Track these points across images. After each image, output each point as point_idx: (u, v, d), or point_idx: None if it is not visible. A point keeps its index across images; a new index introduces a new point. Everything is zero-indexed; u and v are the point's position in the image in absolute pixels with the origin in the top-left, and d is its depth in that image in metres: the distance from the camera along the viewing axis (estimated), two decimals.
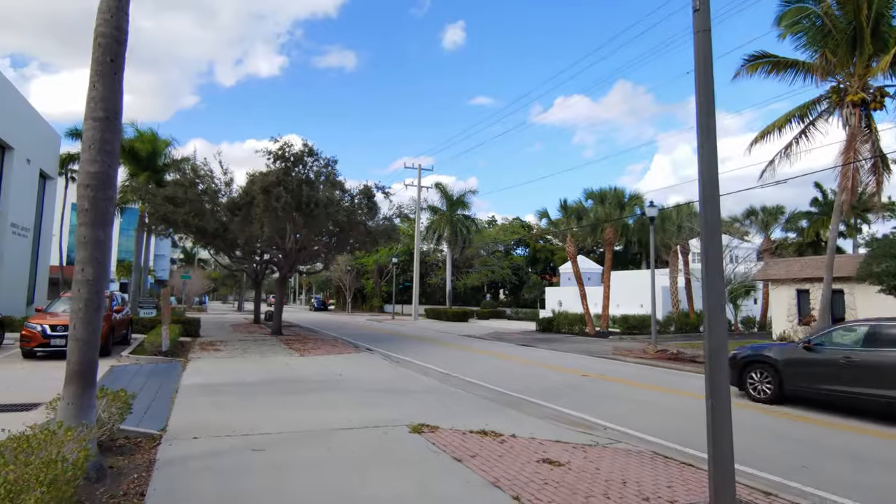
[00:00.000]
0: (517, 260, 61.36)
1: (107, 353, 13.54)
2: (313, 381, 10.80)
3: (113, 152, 4.79)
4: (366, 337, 23.58)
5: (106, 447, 5.28)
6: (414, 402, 8.94)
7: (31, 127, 24.06)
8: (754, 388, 10.12)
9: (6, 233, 22.15)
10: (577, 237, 29.80)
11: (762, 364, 10.09)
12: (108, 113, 4.78)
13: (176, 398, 8.50)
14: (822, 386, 9.13)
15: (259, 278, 29.98)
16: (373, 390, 9.90)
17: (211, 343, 17.79)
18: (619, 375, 13.24)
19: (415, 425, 6.96)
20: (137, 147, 28.52)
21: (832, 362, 9.05)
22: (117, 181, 20.47)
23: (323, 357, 14.99)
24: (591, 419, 8.29)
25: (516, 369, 14.21)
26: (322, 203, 18.05)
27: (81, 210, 4.65)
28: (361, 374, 11.97)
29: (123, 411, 5.42)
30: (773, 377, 9.79)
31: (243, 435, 6.29)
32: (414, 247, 44.84)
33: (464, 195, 46.70)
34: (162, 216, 19.01)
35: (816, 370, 9.24)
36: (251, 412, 7.66)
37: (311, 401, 8.66)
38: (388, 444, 6.19)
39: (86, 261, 4.61)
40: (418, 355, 16.57)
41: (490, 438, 6.55)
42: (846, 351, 9.00)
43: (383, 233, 21.47)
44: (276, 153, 18.14)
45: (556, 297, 43.12)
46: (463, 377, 12.31)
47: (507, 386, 11.19)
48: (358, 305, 60.15)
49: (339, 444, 6.08)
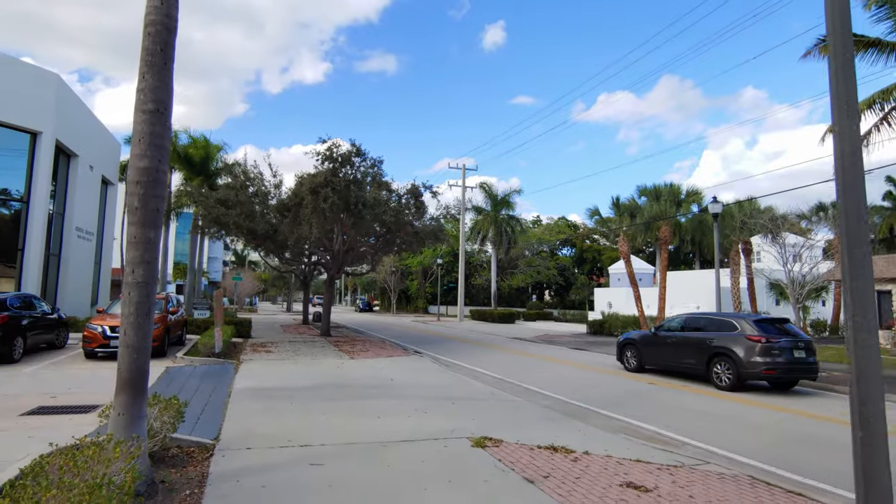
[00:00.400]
0: (563, 260, 59.90)
1: (163, 355, 13.74)
2: (365, 385, 10.48)
3: (163, 147, 4.52)
4: (413, 339, 23.29)
5: (158, 458, 5.04)
6: (470, 410, 8.44)
7: (94, 136, 25.08)
8: (627, 361, 14.15)
9: (71, 236, 23.14)
10: (626, 236, 28.57)
11: (632, 345, 14.05)
12: (158, 105, 4.52)
13: (229, 403, 8.32)
14: (660, 359, 13.24)
15: (307, 280, 30.29)
16: (426, 397, 9.47)
17: (262, 344, 17.89)
18: (688, 383, 12.30)
19: (477, 438, 6.45)
20: (191, 152, 29.40)
21: (665, 342, 13.09)
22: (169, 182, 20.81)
23: (372, 360, 14.72)
24: (666, 434, 7.55)
25: (572, 375, 13.49)
26: (369, 204, 17.86)
27: (131, 209, 4.40)
28: (413, 379, 11.58)
29: (176, 420, 5.17)
30: (637, 354, 13.81)
31: (300, 446, 5.95)
32: (458, 247, 44.44)
33: (508, 195, 45.97)
34: (214, 218, 19.31)
35: (658, 348, 13.26)
36: (304, 420, 7.35)
37: (364, 408, 8.30)
38: (449, 459, 5.71)
39: (136, 262, 4.35)
40: (468, 359, 16.07)
41: (561, 455, 5.96)
42: (671, 334, 13.04)
43: (430, 233, 21.10)
44: (324, 154, 18.08)
45: (605, 298, 41.65)
46: (518, 383, 11.73)
47: (567, 393, 10.53)
48: (402, 307, 60.28)
49: (399, 460, 5.64)
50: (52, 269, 22.34)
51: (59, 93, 20.92)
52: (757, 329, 11.34)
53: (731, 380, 11.15)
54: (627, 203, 26.80)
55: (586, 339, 25.13)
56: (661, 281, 26.03)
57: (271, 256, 28.44)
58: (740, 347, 11.14)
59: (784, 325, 11.86)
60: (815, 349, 11.62)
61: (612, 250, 59.50)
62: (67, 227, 23.05)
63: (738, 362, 11.04)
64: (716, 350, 11.61)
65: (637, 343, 13.90)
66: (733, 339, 11.39)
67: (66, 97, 22.03)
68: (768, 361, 10.86)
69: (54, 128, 20.52)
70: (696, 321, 12.90)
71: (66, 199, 23.14)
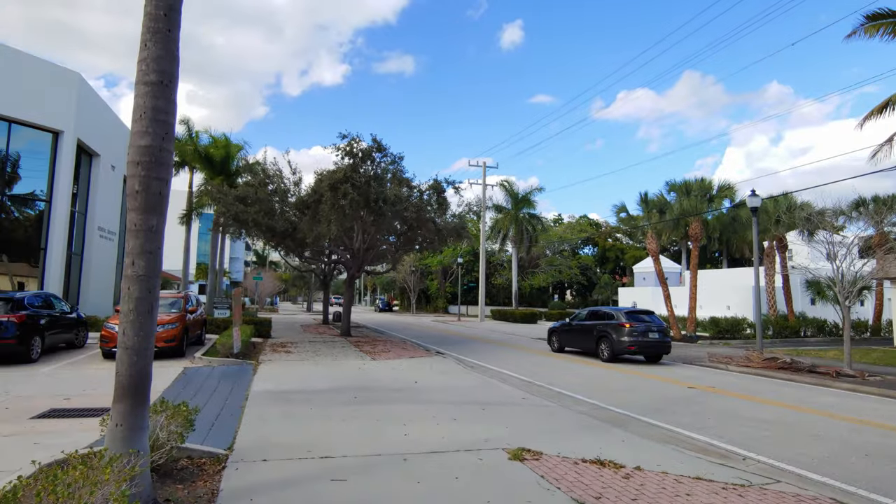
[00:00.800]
0: (585, 259, 58.70)
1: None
2: (389, 388, 9.94)
3: (167, 123, 4.02)
4: (434, 339, 22.74)
5: (164, 471, 4.55)
6: (501, 416, 7.83)
7: (116, 135, 25.10)
8: (552, 344, 18.24)
9: (94, 236, 23.16)
10: (654, 233, 27.52)
11: (555, 332, 18.23)
12: (161, 77, 4.02)
13: (245, 407, 7.85)
14: (571, 342, 17.37)
15: (327, 279, 29.97)
16: (453, 402, 8.89)
17: (282, 344, 17.52)
18: (730, 388, 11.50)
19: (514, 450, 5.84)
20: (212, 152, 29.30)
21: (573, 329, 17.21)
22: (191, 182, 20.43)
23: (395, 361, 14.20)
24: (721, 445, 6.84)
25: (605, 377, 12.78)
26: (390, 200, 17.35)
27: (131, 193, 3.91)
28: (438, 382, 11.01)
29: (185, 429, 4.68)
30: (558, 339, 17.95)
31: (320, 458, 5.42)
32: (478, 246, 43.76)
33: (529, 193, 45.12)
34: (233, 215, 19.00)
35: (570, 334, 17.40)
36: (325, 427, 6.83)
37: (388, 414, 7.75)
38: (486, 475, 5.12)
39: (136, 252, 3.86)
40: (492, 360, 15.45)
41: (610, 471, 5.32)
42: (577, 323, 17.13)
43: (453, 230, 20.50)
44: (344, 149, 17.62)
45: (629, 297, 40.54)
46: (548, 386, 11.07)
47: (602, 398, 9.85)
48: (422, 306, 59.82)
49: (429, 475, 5.07)
50: (75, 268, 22.38)
51: (80, 92, 20.89)
52: (626, 318, 15.43)
53: (608, 354, 15.43)
54: (656, 199, 25.78)
55: None
56: (691, 279, 25.02)
57: (291, 256, 28.16)
58: (615, 331, 15.33)
59: (646, 317, 15.72)
60: (667, 331, 16.30)
61: (636, 249, 58.12)
62: (90, 226, 23.08)
63: (612, 341, 15.31)
64: (600, 333, 15.81)
65: (558, 331, 18.18)
66: (612, 326, 15.55)
67: (88, 96, 22.02)
68: (632, 340, 15.07)
69: (76, 127, 20.50)
70: (593, 314, 16.89)
71: (88, 198, 23.18)
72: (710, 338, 24.64)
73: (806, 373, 13.54)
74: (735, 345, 22.34)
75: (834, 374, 12.87)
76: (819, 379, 12.74)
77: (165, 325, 13.11)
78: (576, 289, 58.88)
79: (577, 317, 17.56)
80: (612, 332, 15.30)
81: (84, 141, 21.48)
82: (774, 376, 13.44)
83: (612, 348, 15.20)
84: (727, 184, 24.86)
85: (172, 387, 9.51)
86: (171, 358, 12.99)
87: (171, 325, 13.28)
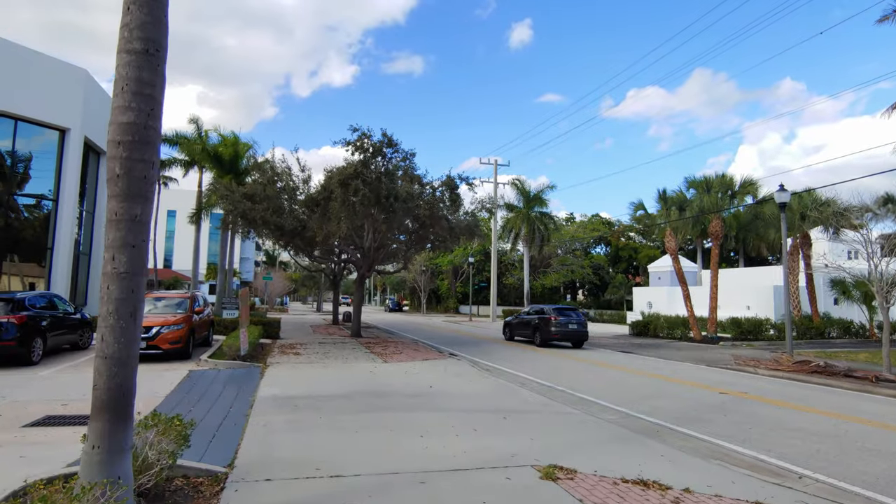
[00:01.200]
0: (598, 259, 57.75)
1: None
2: (402, 394, 9.38)
3: (153, 98, 3.49)
4: (446, 340, 22.17)
5: (155, 494, 4.02)
6: (525, 426, 7.25)
7: None
8: (506, 334, 22.69)
9: (101, 235, 22.82)
10: (673, 231, 26.70)
11: (509, 325, 22.55)
12: (146, 44, 3.49)
13: (250, 416, 7.33)
14: (520, 333, 21.50)
15: (337, 279, 29.52)
16: (472, 409, 8.31)
17: (291, 346, 17.04)
18: (764, 393, 10.80)
19: (545, 468, 5.25)
20: (220, 151, 28.99)
21: (521, 322, 21.47)
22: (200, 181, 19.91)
23: (407, 363, 13.64)
24: (771, 461, 6.20)
25: (630, 381, 12.13)
26: (401, 197, 16.80)
27: (111, 177, 3.38)
28: (453, 387, 10.44)
29: (178, 446, 4.14)
30: (510, 330, 22.33)
31: (329, 476, 4.86)
32: (489, 246, 43.14)
33: (541, 191, 44.32)
34: (240, 213, 18.56)
35: (519, 326, 21.58)
36: (335, 438, 6.29)
37: (403, 423, 7.19)
38: (516, 498, 4.53)
39: (117, 246, 3.33)
40: (508, 362, 14.86)
41: (657, 493, 4.72)
42: (525, 317, 21.43)
43: (466, 228, 19.92)
44: (354, 143, 17.08)
45: (644, 297, 39.60)
46: (570, 391, 10.46)
47: (630, 405, 9.22)
48: (433, 306, 59.27)
49: (453, 498, 4.49)
50: (83, 268, 22.09)
51: (87, 88, 20.57)
52: (554, 313, 19.58)
53: (540, 341, 19.60)
54: (675, 196, 24.99)
55: (631, 341, 23.56)
56: (712, 279, 24.21)
57: (301, 255, 27.73)
58: (545, 323, 19.47)
59: (571, 312, 20.09)
60: (585, 323, 20.05)
61: (650, 248, 57.06)
62: (97, 225, 22.76)
63: (542, 330, 19.48)
64: (535, 325, 20.04)
65: (511, 324, 22.44)
66: (543, 319, 19.66)
67: (95, 93, 21.68)
68: (556, 330, 19.15)
69: (83, 124, 20.17)
70: (535, 311, 20.94)
71: (96, 197, 22.87)
72: (731, 339, 23.82)
73: (842, 377, 12.77)
74: (758, 346, 21.52)
75: (874, 380, 12.10)
76: (858, 384, 11.99)
77: (171, 327, 12.68)
78: (588, 288, 58.00)
79: (524, 313, 22.08)
80: (543, 324, 19.45)
81: (91, 139, 21.15)
82: (808, 381, 12.70)
83: (542, 336, 19.43)
84: (750, 180, 24.01)
85: (175, 391, 9.03)
86: (177, 360, 12.55)
87: (177, 327, 12.84)
